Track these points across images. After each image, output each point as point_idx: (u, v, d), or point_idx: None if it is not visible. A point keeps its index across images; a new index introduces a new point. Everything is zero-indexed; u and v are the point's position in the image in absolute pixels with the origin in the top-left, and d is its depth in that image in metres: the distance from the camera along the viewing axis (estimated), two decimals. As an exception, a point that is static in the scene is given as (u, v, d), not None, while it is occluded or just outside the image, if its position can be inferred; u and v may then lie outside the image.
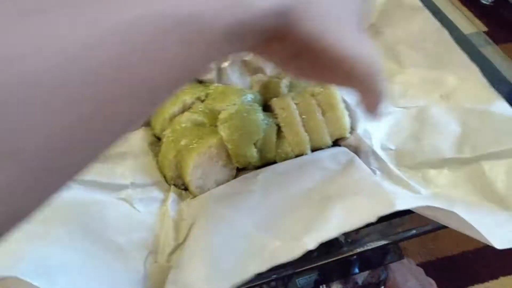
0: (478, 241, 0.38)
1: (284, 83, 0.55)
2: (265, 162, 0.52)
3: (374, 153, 0.47)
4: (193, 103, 0.54)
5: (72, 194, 0.43)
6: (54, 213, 0.40)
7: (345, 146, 0.51)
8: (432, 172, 0.44)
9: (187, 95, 0.54)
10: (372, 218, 0.34)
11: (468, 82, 0.47)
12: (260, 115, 0.47)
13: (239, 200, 0.44)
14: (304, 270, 0.40)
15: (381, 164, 0.46)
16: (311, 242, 0.34)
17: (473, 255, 1.13)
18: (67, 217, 0.41)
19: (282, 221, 0.39)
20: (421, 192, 0.43)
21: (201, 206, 0.45)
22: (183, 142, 0.47)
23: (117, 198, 0.44)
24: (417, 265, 1.07)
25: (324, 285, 0.93)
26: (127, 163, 0.47)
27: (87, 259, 0.38)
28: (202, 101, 0.52)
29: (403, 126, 0.48)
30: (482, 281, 1.08)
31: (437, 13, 0.56)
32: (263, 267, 0.35)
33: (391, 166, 0.45)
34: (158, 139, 0.52)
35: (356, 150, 0.49)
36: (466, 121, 0.45)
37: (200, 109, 0.52)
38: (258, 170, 0.47)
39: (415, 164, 0.45)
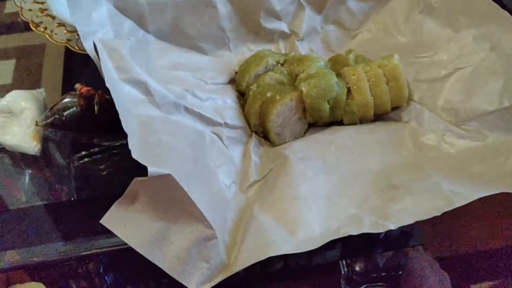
0: (495, 241, 0.45)
1: (351, 57, 0.64)
2: (333, 120, 0.60)
3: (431, 116, 0.54)
4: (273, 65, 0.62)
5: (185, 121, 0.52)
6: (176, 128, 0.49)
7: (402, 112, 0.57)
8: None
9: (270, 57, 0.62)
10: (437, 213, 0.41)
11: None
12: (334, 78, 0.55)
13: (316, 163, 0.49)
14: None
15: (439, 125, 0.53)
16: (391, 224, 0.41)
17: (488, 254, 1.18)
18: (185, 134, 0.49)
19: (356, 193, 0.46)
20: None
21: (281, 156, 0.50)
22: (268, 94, 0.54)
23: (211, 131, 0.51)
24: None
25: (345, 261, 1.00)
26: (224, 106, 0.54)
27: (197, 171, 0.46)
28: (282, 64, 0.60)
29: (458, 87, 0.53)
30: (493, 279, 1.14)
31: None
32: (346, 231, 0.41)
33: (450, 126, 0.52)
34: (242, 95, 0.58)
35: (413, 116, 0.56)
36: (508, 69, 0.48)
37: (281, 70, 0.61)
38: (330, 136, 0.53)
39: (470, 118, 0.51)
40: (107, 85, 0.41)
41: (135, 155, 0.36)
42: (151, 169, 0.35)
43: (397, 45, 0.64)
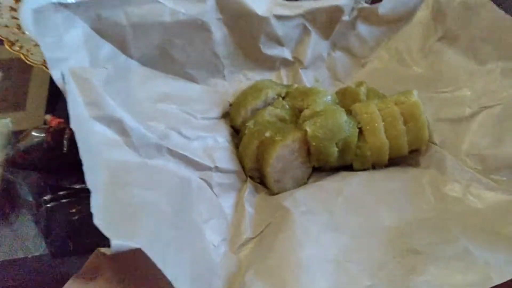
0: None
1: (362, 90, 0.56)
2: (342, 164, 0.52)
3: (455, 162, 0.47)
4: (273, 98, 0.55)
5: (169, 165, 0.44)
6: (158, 182, 0.41)
7: (421, 157, 0.50)
8: None
9: (270, 89, 0.55)
10: None
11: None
12: (344, 116, 0.48)
13: (322, 217, 0.43)
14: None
15: (464, 174, 0.46)
16: None
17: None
18: (167, 186, 0.41)
19: (370, 257, 0.39)
20: None
21: (281, 209, 0.44)
22: (267, 134, 0.48)
23: (199, 177, 0.45)
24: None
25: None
26: (214, 147, 0.48)
27: (177, 235, 0.38)
28: (283, 98, 0.53)
29: (486, 129, 0.47)
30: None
31: (501, 3, 0.53)
32: None
33: (477, 175, 0.45)
34: (237, 132, 0.53)
35: (434, 162, 0.48)
36: None
37: (282, 105, 0.53)
38: (338, 184, 0.47)
39: (501, 167, 0.44)
40: (72, 125, 0.33)
41: (98, 220, 0.28)
42: (116, 242, 0.27)
43: (412, 77, 0.59)
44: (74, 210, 0.50)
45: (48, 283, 0.46)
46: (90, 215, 0.39)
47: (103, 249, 0.32)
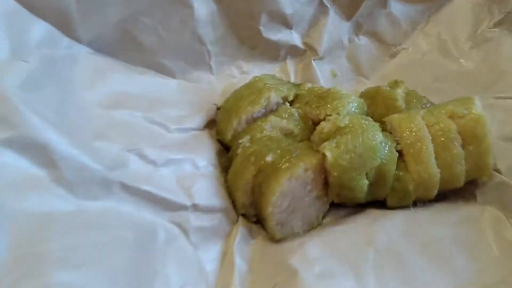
0: None
1: (400, 94, 0.41)
2: (371, 199, 0.38)
3: None
4: (278, 104, 0.41)
5: (121, 209, 0.31)
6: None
7: (478, 188, 0.40)
8: None
9: (273, 91, 0.40)
10: None
11: None
12: (380, 135, 0.34)
13: (346, 283, 0.33)
14: None
15: None
16: None
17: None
18: (112, 255, 0.27)
19: None
20: None
21: (286, 268, 0.34)
22: (269, 158, 0.37)
23: (169, 220, 0.34)
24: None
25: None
26: (193, 175, 0.37)
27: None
28: (291, 102, 0.42)
29: None
30: None
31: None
32: None
33: None
34: (226, 149, 0.42)
35: (497, 196, 0.39)
36: None
37: (289, 113, 0.40)
38: (367, 230, 0.37)
39: None
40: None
41: None
42: None
43: (460, 74, 0.48)
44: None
45: None
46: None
47: None
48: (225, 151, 0.42)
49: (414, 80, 0.48)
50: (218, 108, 0.43)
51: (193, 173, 0.37)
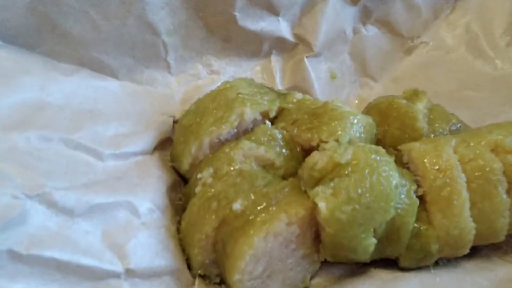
0: None
1: (422, 110, 0.31)
2: (377, 258, 0.28)
3: None
4: (255, 121, 0.32)
5: None
6: None
7: None
8: None
9: (247, 105, 0.29)
10: None
11: None
12: (396, 177, 0.24)
13: None
14: None
15: None
16: None
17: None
18: None
19: None
20: None
21: None
22: (237, 205, 0.27)
23: None
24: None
25: None
26: (128, 226, 0.28)
27: None
28: (273, 120, 0.32)
29: None
30: None
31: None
32: None
33: None
34: (184, 180, 0.33)
35: None
36: None
37: (270, 136, 0.30)
38: None
39: None
40: None
41: None
42: None
43: (497, 81, 0.42)
44: None
45: None
46: None
47: None
48: (184, 182, 0.31)
49: (435, 85, 0.41)
50: (175, 122, 0.33)
51: (130, 223, 0.28)
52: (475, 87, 0.40)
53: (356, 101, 0.41)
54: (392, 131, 0.33)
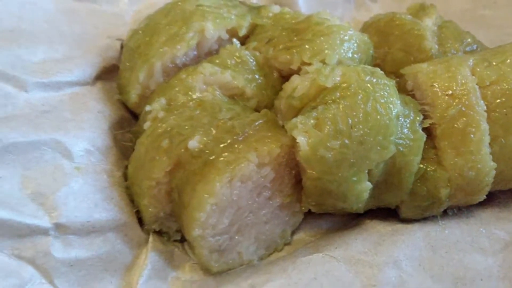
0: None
1: (430, 28, 0.25)
2: (374, 207, 0.23)
3: None
4: (220, 41, 0.26)
5: None
6: None
7: None
8: None
9: (209, 18, 0.23)
10: None
11: None
12: (397, 104, 0.22)
13: None
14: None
15: None
16: None
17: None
18: None
19: None
20: None
21: None
22: (194, 143, 0.22)
23: (12, 256, 0.21)
24: None
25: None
26: (52, 171, 0.22)
27: None
28: (243, 40, 0.27)
29: None
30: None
31: None
32: None
33: None
34: (135, 116, 0.26)
35: None
36: None
37: (239, 59, 0.25)
38: (373, 259, 0.24)
39: None
40: None
41: None
42: None
43: None
44: None
45: None
46: None
47: None
48: (135, 119, 0.26)
49: (445, 4, 0.34)
50: (122, 46, 0.26)
51: (59, 167, 0.22)
52: (492, 5, 0.33)
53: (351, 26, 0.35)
54: (393, 53, 0.27)
